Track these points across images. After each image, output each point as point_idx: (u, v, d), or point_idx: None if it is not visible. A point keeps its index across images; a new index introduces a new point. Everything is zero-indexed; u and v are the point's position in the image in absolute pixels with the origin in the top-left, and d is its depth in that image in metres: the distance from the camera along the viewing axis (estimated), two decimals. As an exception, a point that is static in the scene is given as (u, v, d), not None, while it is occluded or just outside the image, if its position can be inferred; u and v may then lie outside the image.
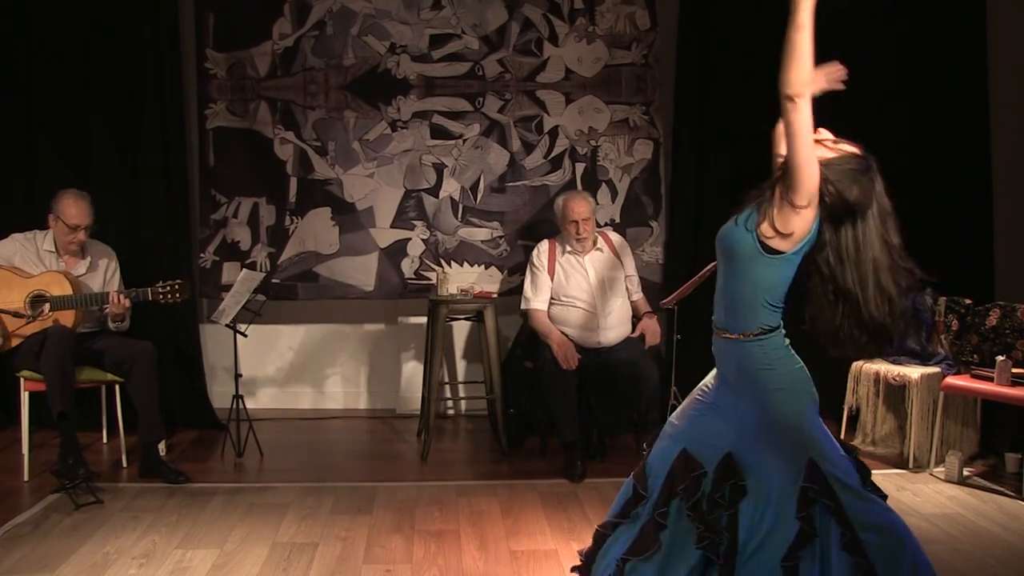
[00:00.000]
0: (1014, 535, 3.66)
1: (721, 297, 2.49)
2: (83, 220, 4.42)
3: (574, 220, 4.64)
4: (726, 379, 2.52)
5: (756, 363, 2.43)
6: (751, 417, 2.45)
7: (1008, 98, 5.40)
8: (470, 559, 3.42)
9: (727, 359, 2.50)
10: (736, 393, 2.49)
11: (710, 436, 2.52)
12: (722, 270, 2.47)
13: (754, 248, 2.36)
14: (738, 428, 2.48)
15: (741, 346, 2.44)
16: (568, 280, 4.68)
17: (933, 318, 4.82)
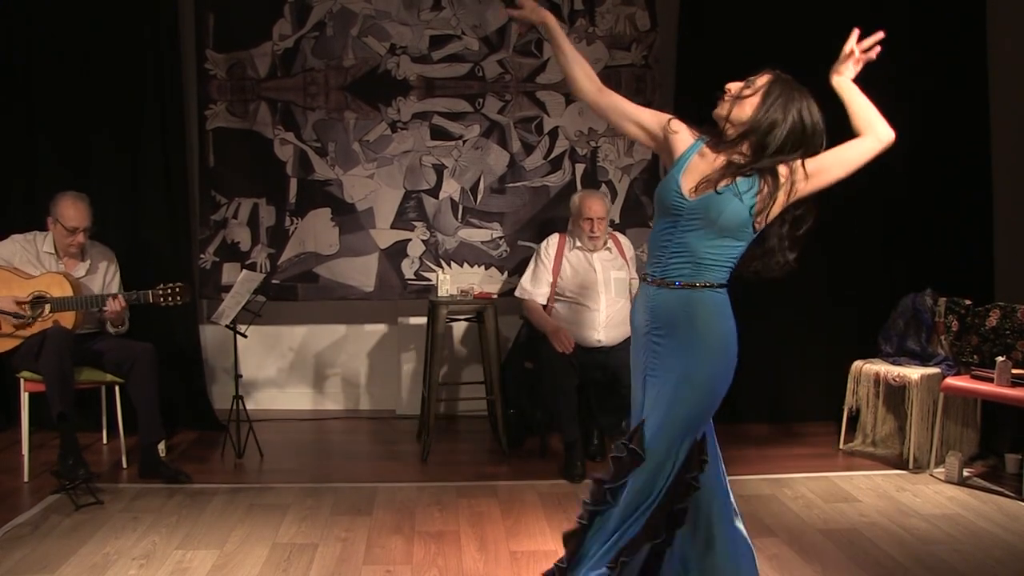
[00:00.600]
0: (1014, 536, 3.66)
1: (678, 252, 2.48)
2: (81, 223, 4.42)
3: (589, 218, 4.68)
4: (656, 332, 2.51)
5: (710, 309, 2.48)
6: (676, 369, 2.46)
7: (1008, 98, 5.40)
8: (470, 560, 3.42)
9: (671, 308, 2.49)
10: (669, 342, 2.48)
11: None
12: (701, 236, 2.45)
13: (745, 222, 2.43)
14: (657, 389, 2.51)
15: (699, 293, 2.47)
16: (574, 276, 4.70)
17: (933, 319, 4.82)
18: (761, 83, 2.51)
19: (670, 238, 2.49)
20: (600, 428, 4.79)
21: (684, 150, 2.54)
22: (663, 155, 2.62)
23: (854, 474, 4.49)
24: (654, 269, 2.53)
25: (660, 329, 2.50)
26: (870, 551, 3.49)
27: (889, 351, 4.92)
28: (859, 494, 4.17)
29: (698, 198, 2.44)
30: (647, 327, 2.53)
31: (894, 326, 4.94)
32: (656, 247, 2.53)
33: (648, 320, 2.53)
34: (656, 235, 2.54)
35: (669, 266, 2.49)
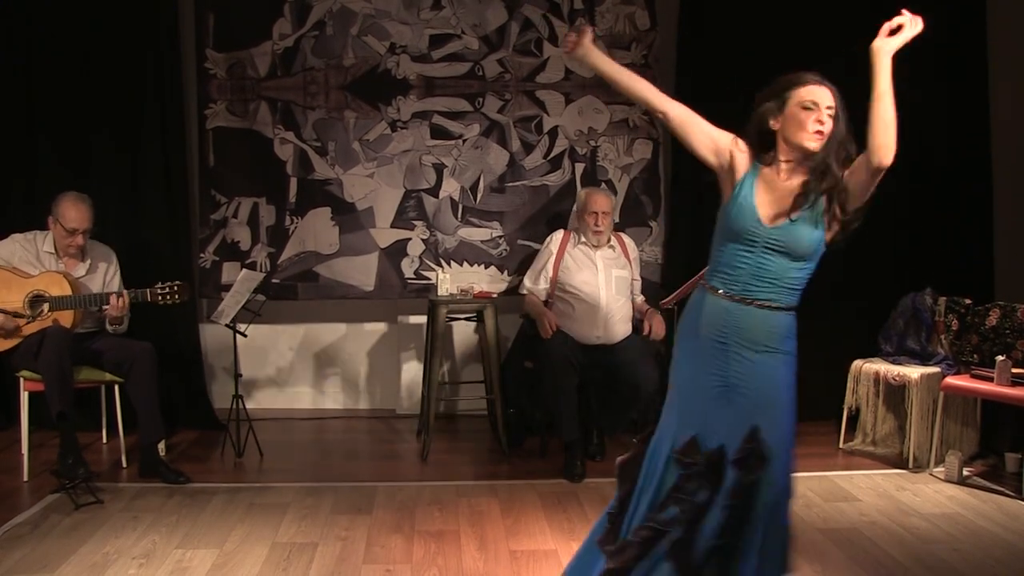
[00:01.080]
0: (1014, 535, 3.66)
1: (758, 275, 2.52)
2: (81, 224, 4.41)
3: (594, 212, 4.71)
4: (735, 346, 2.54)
5: (789, 331, 2.57)
6: (758, 383, 2.52)
7: (1008, 97, 5.40)
8: (470, 559, 3.42)
9: (757, 326, 2.53)
10: (761, 357, 2.53)
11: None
12: (780, 261, 2.51)
13: (819, 244, 2.52)
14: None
15: (783, 316, 2.56)
16: (576, 271, 4.70)
17: (933, 318, 4.82)
18: (835, 104, 2.51)
19: (747, 261, 2.52)
20: (600, 428, 4.79)
21: (745, 171, 2.57)
22: (723, 173, 2.62)
23: (854, 473, 4.49)
24: (731, 286, 2.55)
25: (747, 343, 2.53)
26: (870, 550, 3.49)
27: (889, 350, 4.92)
28: (859, 493, 4.18)
29: (776, 226, 2.49)
30: (723, 338, 2.54)
31: (894, 325, 4.94)
32: (727, 265, 2.56)
33: (727, 333, 2.54)
34: (726, 254, 2.56)
35: (750, 286, 2.53)
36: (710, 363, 2.59)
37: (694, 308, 2.65)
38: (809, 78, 2.52)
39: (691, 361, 2.64)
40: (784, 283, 2.52)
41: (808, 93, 2.49)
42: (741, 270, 2.53)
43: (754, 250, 2.51)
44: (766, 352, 2.53)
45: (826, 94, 2.49)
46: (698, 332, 2.61)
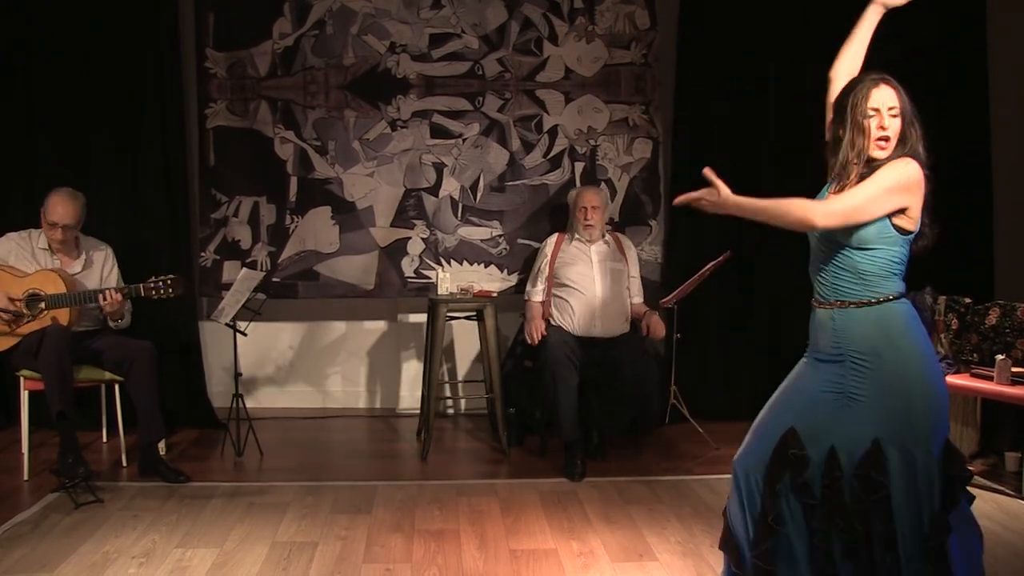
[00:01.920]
0: (1014, 534, 3.66)
1: (837, 271, 2.50)
2: (63, 220, 4.38)
3: (583, 207, 4.80)
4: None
5: (901, 321, 2.49)
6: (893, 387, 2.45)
7: (1008, 98, 5.40)
8: (470, 558, 3.42)
9: (861, 327, 2.48)
10: (874, 361, 2.45)
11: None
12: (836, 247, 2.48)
13: (883, 226, 2.45)
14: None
15: (882, 308, 2.48)
16: (570, 265, 4.77)
17: (933, 317, 4.82)
18: (899, 103, 2.47)
19: (824, 260, 2.51)
20: (600, 428, 4.79)
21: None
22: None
23: (854, 472, 4.48)
24: (824, 292, 2.53)
25: (861, 350, 2.45)
26: (869, 549, 3.48)
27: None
28: (859, 492, 4.17)
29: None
30: (839, 348, 2.48)
31: (894, 325, 4.94)
32: (816, 272, 2.55)
33: (838, 341, 2.48)
34: (813, 261, 2.56)
35: (837, 287, 2.49)
36: (821, 375, 2.55)
37: (812, 324, 2.61)
38: (868, 82, 2.46)
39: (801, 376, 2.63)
40: (866, 272, 2.43)
41: (868, 99, 2.43)
42: (825, 272, 2.51)
43: (824, 245, 2.49)
44: (888, 357, 2.43)
45: (888, 94, 2.44)
46: (816, 345, 2.58)
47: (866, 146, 2.42)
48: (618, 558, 3.39)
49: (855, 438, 2.43)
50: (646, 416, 4.94)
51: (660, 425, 5.01)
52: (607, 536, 3.61)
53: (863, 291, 2.45)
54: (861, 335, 2.45)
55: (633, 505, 3.97)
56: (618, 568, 3.31)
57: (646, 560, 3.37)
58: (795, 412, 2.52)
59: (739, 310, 5.47)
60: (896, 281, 2.47)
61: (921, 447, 2.42)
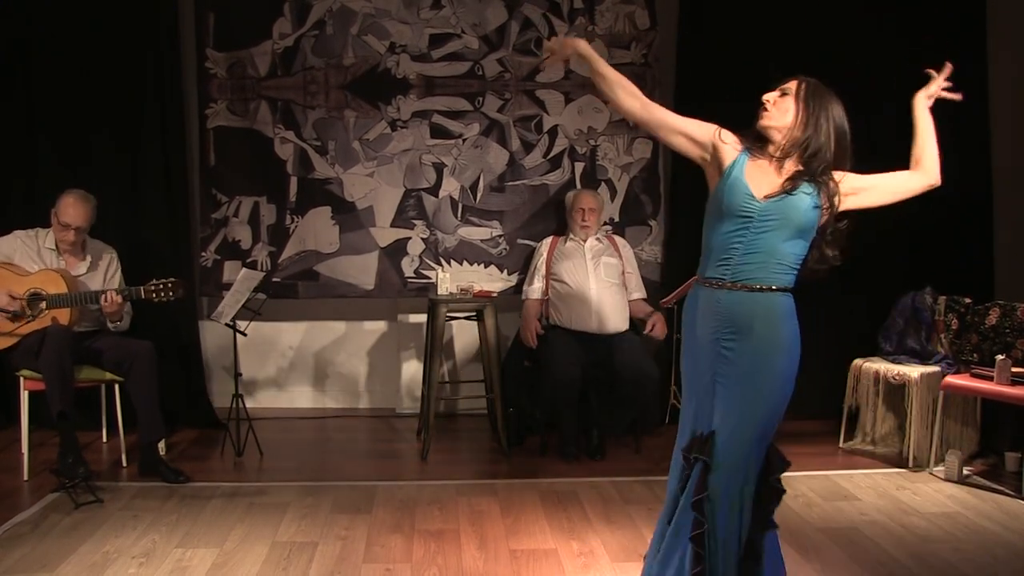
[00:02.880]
0: (1014, 534, 3.66)
1: (752, 253, 2.52)
2: (75, 222, 4.40)
3: (580, 208, 4.92)
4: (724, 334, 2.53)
5: (784, 311, 2.54)
6: (749, 372, 2.49)
7: (1008, 96, 5.40)
8: (470, 558, 3.42)
9: (746, 310, 2.51)
10: (742, 345, 2.50)
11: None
12: (773, 238, 2.51)
13: (815, 221, 2.54)
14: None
15: (775, 297, 2.53)
16: (564, 262, 4.87)
17: (933, 317, 4.82)
18: (796, 89, 2.58)
19: (741, 240, 2.51)
20: (600, 428, 4.79)
21: (733, 158, 2.59)
22: (709, 166, 2.64)
23: (854, 472, 4.49)
24: (722, 271, 2.54)
25: (733, 333, 2.51)
26: (870, 549, 3.49)
27: (889, 349, 4.92)
28: (859, 492, 4.18)
29: (770, 201, 2.49)
30: (715, 332, 2.54)
31: (894, 324, 4.94)
32: (721, 250, 2.54)
33: (717, 325, 2.53)
34: (721, 238, 2.55)
35: (741, 269, 2.51)
36: (697, 360, 2.60)
37: (689, 305, 2.66)
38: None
39: (689, 358, 2.65)
40: (783, 261, 2.51)
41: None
42: (733, 251, 2.52)
43: (748, 227, 2.50)
44: (759, 341, 2.49)
45: (790, 84, 2.59)
46: (695, 330, 2.61)
47: (759, 115, 2.61)
48: (618, 558, 3.39)
49: (708, 425, 2.53)
50: (646, 416, 4.95)
51: (660, 425, 5.02)
52: (607, 536, 3.61)
53: (768, 277, 2.51)
54: (741, 317, 2.51)
55: (633, 505, 3.98)
56: (618, 568, 3.31)
57: (646, 560, 3.37)
58: (692, 412, 2.62)
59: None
60: (793, 275, 2.56)
61: (744, 438, 2.47)
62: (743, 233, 2.51)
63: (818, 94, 2.56)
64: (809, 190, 2.50)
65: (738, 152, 2.59)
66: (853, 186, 2.60)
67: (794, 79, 2.60)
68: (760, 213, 2.49)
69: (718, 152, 2.61)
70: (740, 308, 2.51)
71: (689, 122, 2.66)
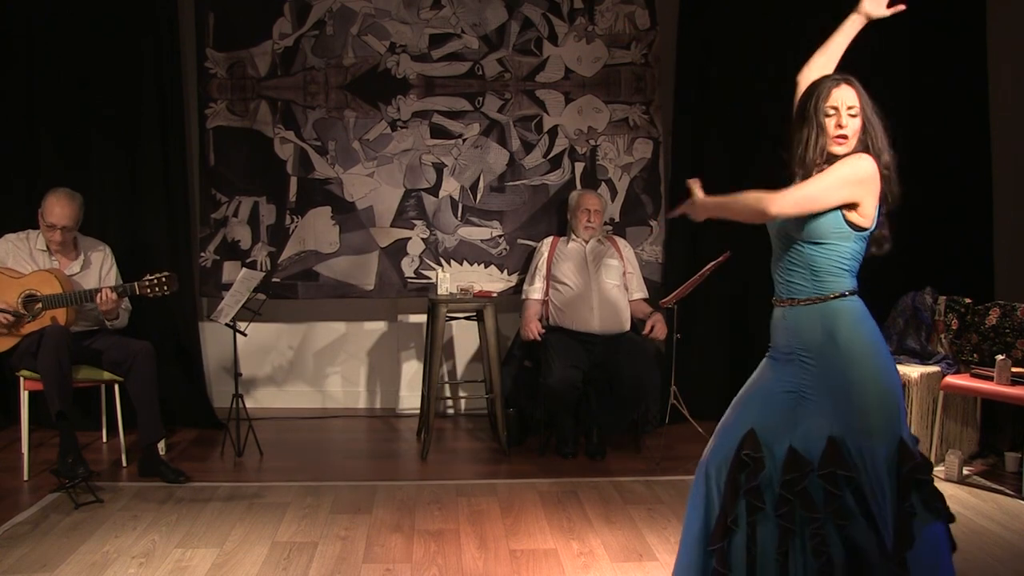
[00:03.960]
0: (1014, 534, 3.66)
1: (791, 267, 2.53)
2: (60, 221, 4.38)
3: (586, 209, 4.92)
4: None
5: (850, 317, 2.50)
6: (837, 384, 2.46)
7: (1008, 96, 5.39)
8: (470, 558, 3.42)
9: (810, 324, 2.50)
10: (820, 359, 2.48)
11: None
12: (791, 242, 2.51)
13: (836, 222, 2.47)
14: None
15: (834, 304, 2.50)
16: (565, 262, 4.88)
17: (933, 317, 4.82)
18: (859, 102, 2.50)
19: (780, 256, 2.54)
20: (600, 427, 4.79)
21: None
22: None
23: (854, 473, 4.48)
24: (779, 289, 2.56)
25: (806, 348, 2.49)
26: (869, 549, 3.48)
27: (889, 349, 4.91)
28: (859, 493, 4.17)
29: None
30: (789, 347, 2.53)
31: (894, 324, 4.94)
32: (774, 269, 2.58)
33: (788, 340, 2.53)
34: (774, 259, 2.59)
35: (790, 284, 2.52)
36: (780, 371, 2.58)
37: (772, 322, 2.65)
38: (828, 83, 2.49)
39: (765, 371, 2.67)
40: (820, 267, 2.46)
41: (828, 99, 2.46)
42: (778, 268, 2.55)
43: (779, 242, 2.53)
44: (832, 354, 2.45)
45: (848, 93, 2.47)
46: (774, 342, 2.62)
47: (826, 143, 2.46)
48: (618, 558, 3.39)
49: (810, 437, 2.46)
50: (646, 416, 4.95)
51: (660, 425, 5.01)
52: (607, 536, 3.61)
53: (812, 288, 2.48)
54: (808, 333, 2.48)
55: (633, 505, 3.97)
56: (618, 568, 3.31)
57: (646, 560, 3.37)
58: (755, 412, 2.56)
59: (739, 310, 5.47)
60: (847, 278, 2.49)
61: (864, 446, 2.42)
62: (778, 250, 2.54)
63: (868, 99, 2.50)
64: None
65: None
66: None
67: (849, 87, 2.48)
68: (777, 228, 2.52)
69: None
70: (805, 322, 2.49)
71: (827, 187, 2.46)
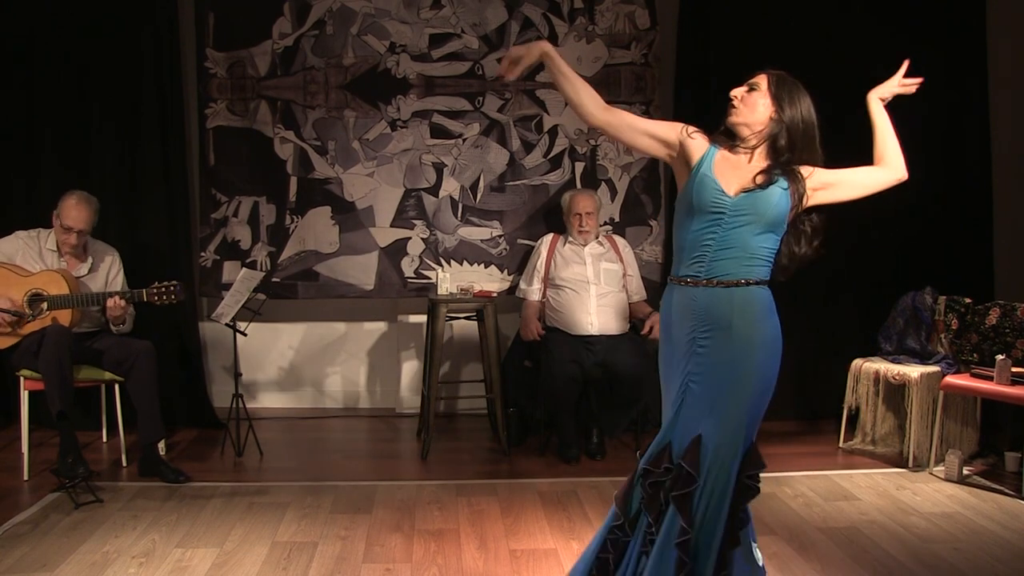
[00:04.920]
0: (1014, 534, 3.66)
1: (725, 248, 2.49)
2: (77, 224, 4.40)
3: (578, 213, 4.89)
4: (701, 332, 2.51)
5: (763, 305, 2.50)
6: (726, 369, 2.46)
7: (1008, 95, 5.40)
8: (470, 558, 3.42)
9: (722, 306, 2.49)
10: (716, 342, 2.48)
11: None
12: (745, 233, 2.48)
13: (785, 215, 2.51)
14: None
15: (751, 290, 2.50)
16: (564, 266, 4.86)
17: (933, 317, 4.82)
18: (765, 84, 2.58)
19: (713, 236, 2.49)
20: (600, 427, 4.79)
21: (702, 154, 2.57)
22: (677, 164, 2.62)
23: (854, 472, 4.49)
24: (696, 269, 2.51)
25: (708, 330, 2.48)
26: (870, 549, 3.49)
27: (889, 349, 4.92)
28: (859, 492, 4.17)
29: (741, 195, 2.48)
30: (691, 331, 2.51)
31: (894, 324, 4.94)
32: (694, 247, 2.52)
33: (694, 324, 2.51)
34: (693, 235, 2.52)
35: (715, 265, 2.49)
36: (673, 362, 2.58)
37: (664, 307, 2.63)
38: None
39: (664, 364, 2.64)
40: (756, 254, 2.49)
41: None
42: (707, 248, 2.50)
43: (720, 222, 2.49)
44: (737, 337, 2.46)
45: (755, 80, 2.59)
46: (671, 333, 2.59)
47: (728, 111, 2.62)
48: (618, 558, 3.39)
49: (686, 430, 2.50)
50: (646, 416, 4.95)
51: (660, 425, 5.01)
52: (607, 536, 3.60)
53: (743, 272, 2.49)
54: (719, 314, 2.48)
55: (633, 505, 3.97)
56: (618, 568, 3.30)
57: (646, 560, 3.36)
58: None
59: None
60: (769, 268, 2.53)
61: (730, 442, 2.45)
62: (714, 229, 2.49)
63: (786, 87, 2.55)
64: (784, 184, 2.49)
65: (706, 148, 2.58)
66: (823, 180, 2.56)
67: (761, 73, 2.59)
68: (732, 208, 2.47)
69: (685, 148, 2.59)
70: (717, 304, 2.48)
71: (653, 122, 2.66)
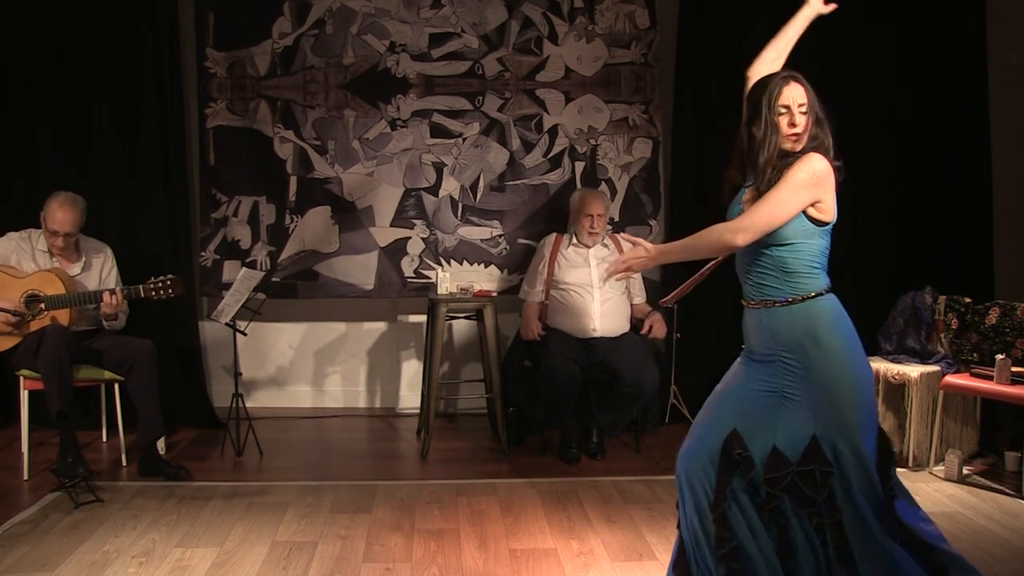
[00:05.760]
0: (1014, 533, 3.66)
1: (762, 271, 2.55)
2: (63, 227, 4.38)
3: (589, 214, 4.81)
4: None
5: (829, 317, 2.56)
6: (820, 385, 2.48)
7: (1008, 94, 5.39)
8: (470, 558, 3.42)
9: (790, 326, 2.53)
10: (803, 359, 2.50)
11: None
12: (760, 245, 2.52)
13: (799, 220, 2.50)
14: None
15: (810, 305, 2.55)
16: (568, 269, 4.81)
17: (933, 317, 4.82)
18: (807, 96, 2.51)
19: (749, 259, 2.56)
20: (600, 427, 4.79)
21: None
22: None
23: (854, 472, 4.48)
24: (750, 292, 2.58)
25: (788, 349, 2.50)
26: (869, 549, 3.48)
27: (889, 349, 4.91)
28: (859, 492, 4.17)
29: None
30: (769, 349, 2.54)
31: (894, 324, 4.94)
32: (742, 272, 2.60)
33: (767, 342, 2.54)
34: (738, 261, 2.61)
35: (762, 286, 2.54)
36: (758, 375, 2.60)
37: (744, 324, 2.68)
38: (778, 81, 2.50)
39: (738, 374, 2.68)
40: (790, 267, 2.50)
41: (780, 97, 2.48)
42: (749, 272, 2.57)
43: (740, 249, 2.55)
44: (815, 354, 2.47)
45: (797, 91, 2.49)
46: (749, 345, 2.65)
47: (780, 142, 2.49)
48: (618, 558, 3.39)
49: (794, 436, 2.48)
50: (646, 416, 4.95)
51: (660, 425, 5.01)
52: (607, 536, 3.61)
53: (787, 289, 2.51)
54: (788, 335, 2.50)
55: (633, 505, 3.98)
56: (618, 568, 3.31)
57: (646, 560, 3.37)
58: (735, 413, 2.56)
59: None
60: (820, 276, 2.53)
61: (851, 442, 2.44)
62: (746, 252, 2.55)
63: (809, 86, 2.53)
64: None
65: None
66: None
67: (798, 84, 2.50)
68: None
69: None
70: (783, 324, 2.51)
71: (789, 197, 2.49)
